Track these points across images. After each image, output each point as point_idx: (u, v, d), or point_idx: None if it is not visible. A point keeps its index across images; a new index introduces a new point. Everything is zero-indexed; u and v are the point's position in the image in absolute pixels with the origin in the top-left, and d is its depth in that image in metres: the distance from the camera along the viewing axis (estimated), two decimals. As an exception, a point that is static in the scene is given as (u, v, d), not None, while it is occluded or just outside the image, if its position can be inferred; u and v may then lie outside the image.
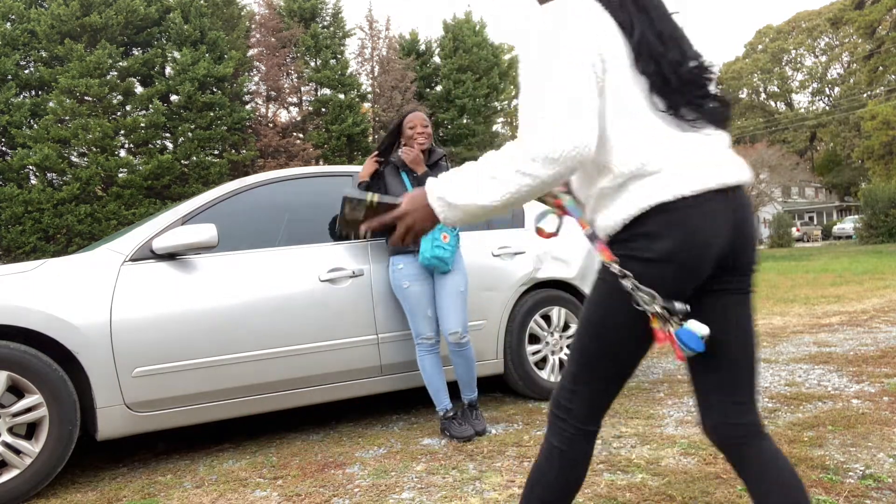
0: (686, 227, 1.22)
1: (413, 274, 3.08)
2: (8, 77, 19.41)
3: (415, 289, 3.08)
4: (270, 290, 3.05)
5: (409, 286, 3.08)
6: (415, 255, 3.09)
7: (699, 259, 1.23)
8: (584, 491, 2.26)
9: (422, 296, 3.08)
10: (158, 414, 2.81)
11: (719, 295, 1.30)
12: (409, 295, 3.08)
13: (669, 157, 1.23)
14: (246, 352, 2.95)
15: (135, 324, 2.76)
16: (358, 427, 3.38)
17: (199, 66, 20.85)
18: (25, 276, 2.67)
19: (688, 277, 1.24)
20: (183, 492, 2.54)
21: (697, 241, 1.22)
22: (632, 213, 1.24)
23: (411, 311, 3.10)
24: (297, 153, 23.69)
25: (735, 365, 1.32)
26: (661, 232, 1.22)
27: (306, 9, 26.27)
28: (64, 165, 19.49)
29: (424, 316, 3.08)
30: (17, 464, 2.50)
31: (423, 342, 3.10)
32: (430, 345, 3.10)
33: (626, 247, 1.26)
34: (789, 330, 5.73)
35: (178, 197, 20.86)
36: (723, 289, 1.30)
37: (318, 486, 2.48)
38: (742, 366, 1.32)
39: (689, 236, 1.22)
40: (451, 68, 29.39)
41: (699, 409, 1.37)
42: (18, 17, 19.86)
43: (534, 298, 3.66)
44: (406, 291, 3.09)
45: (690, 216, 1.22)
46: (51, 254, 18.53)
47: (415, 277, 3.08)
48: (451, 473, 2.54)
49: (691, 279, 1.25)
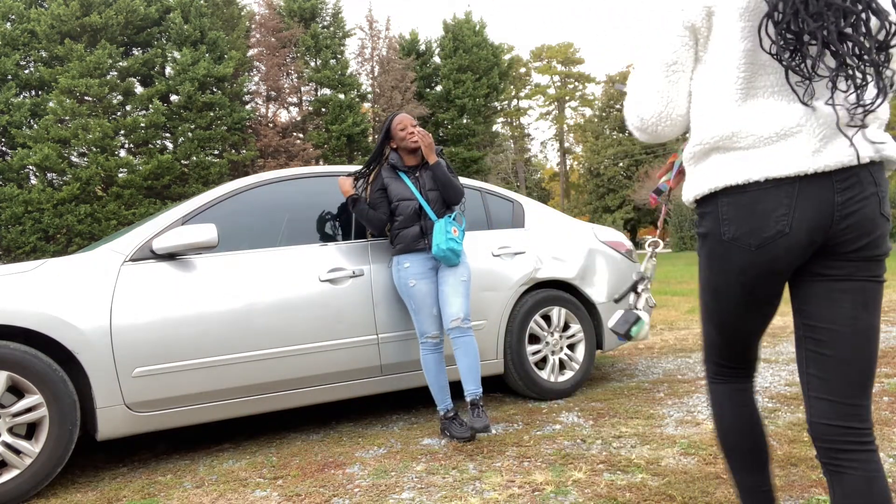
0: (754, 212, 1.23)
1: (419, 272, 3.09)
2: (8, 77, 19.41)
3: (421, 287, 3.08)
4: (270, 290, 3.05)
5: (415, 284, 3.08)
6: (422, 252, 3.09)
7: (769, 247, 1.23)
8: (584, 491, 2.27)
9: (427, 294, 3.08)
10: (158, 414, 2.81)
11: (820, 280, 1.28)
12: (415, 293, 3.08)
13: (755, 132, 1.23)
14: (246, 352, 2.95)
15: (135, 324, 2.76)
16: (358, 427, 3.38)
17: (199, 66, 20.86)
18: (25, 276, 2.67)
19: (758, 263, 1.25)
20: (183, 492, 2.54)
21: (765, 227, 1.23)
22: (702, 191, 1.31)
23: (417, 309, 3.10)
24: (297, 153, 23.69)
25: (843, 363, 1.26)
26: (727, 215, 1.27)
27: (306, 9, 26.27)
28: (64, 165, 19.50)
29: (430, 314, 3.08)
30: (17, 464, 2.50)
31: (428, 341, 3.09)
32: (435, 343, 3.09)
33: (700, 222, 1.33)
34: (789, 330, 5.73)
35: (178, 197, 20.86)
36: (825, 274, 1.27)
37: (318, 486, 2.48)
38: (852, 365, 1.26)
39: (756, 222, 1.23)
40: (451, 68, 29.40)
41: (805, 403, 1.34)
42: (18, 17, 19.85)
43: (534, 298, 3.66)
44: (412, 290, 3.09)
45: (759, 200, 1.23)
46: (51, 254, 18.53)
47: (421, 276, 3.09)
48: (451, 473, 2.54)
49: (763, 265, 1.25)
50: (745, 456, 1.48)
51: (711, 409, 1.54)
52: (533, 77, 56.71)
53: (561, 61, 55.93)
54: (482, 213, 3.81)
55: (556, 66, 56.26)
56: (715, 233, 1.30)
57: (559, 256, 3.82)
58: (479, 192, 3.86)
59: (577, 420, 3.21)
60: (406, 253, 3.12)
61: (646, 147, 46.81)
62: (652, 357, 4.92)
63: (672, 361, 4.67)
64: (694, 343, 5.42)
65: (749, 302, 1.34)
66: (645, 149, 45.94)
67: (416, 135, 3.10)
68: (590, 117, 54.45)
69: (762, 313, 1.37)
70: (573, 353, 3.79)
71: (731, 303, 1.36)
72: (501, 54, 32.00)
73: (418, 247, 3.10)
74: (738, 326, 1.40)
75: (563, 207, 50.70)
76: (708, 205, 1.32)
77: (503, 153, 43.34)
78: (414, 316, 3.13)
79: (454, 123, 28.96)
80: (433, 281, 3.11)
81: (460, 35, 29.90)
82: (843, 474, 1.24)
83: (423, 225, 3.11)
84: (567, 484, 2.34)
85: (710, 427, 2.94)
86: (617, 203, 46.65)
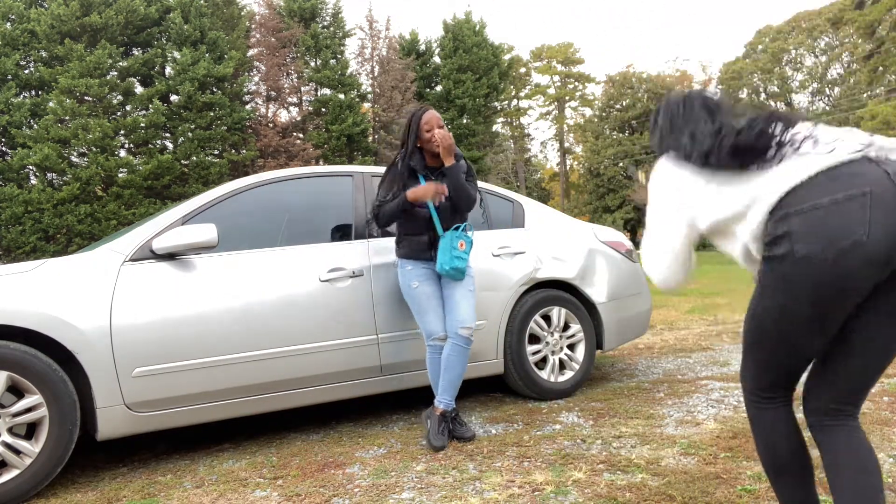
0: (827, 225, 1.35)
1: (422, 274, 3.07)
2: (8, 77, 19.41)
3: (424, 289, 3.05)
4: (270, 290, 3.05)
5: (418, 286, 3.05)
6: (427, 262, 3.06)
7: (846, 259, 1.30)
8: (584, 491, 2.27)
9: (431, 296, 3.05)
10: (158, 414, 2.80)
11: (877, 305, 1.36)
12: (419, 295, 3.05)
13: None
14: (246, 352, 2.95)
15: (135, 324, 2.76)
16: (358, 427, 3.38)
17: (199, 66, 20.85)
18: (25, 277, 2.67)
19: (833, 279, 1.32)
20: (183, 492, 2.54)
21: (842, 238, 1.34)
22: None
23: (421, 310, 3.06)
24: (297, 153, 23.69)
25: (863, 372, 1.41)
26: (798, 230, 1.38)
27: (306, 9, 26.28)
28: (64, 165, 19.50)
29: (437, 315, 3.03)
30: (17, 464, 2.50)
31: (436, 343, 3.04)
32: (443, 345, 3.04)
33: (769, 246, 1.42)
34: (789, 330, 5.73)
35: (178, 197, 20.86)
36: (884, 302, 1.36)
37: (318, 486, 2.48)
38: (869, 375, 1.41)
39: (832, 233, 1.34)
40: (451, 68, 29.40)
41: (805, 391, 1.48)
42: (18, 17, 19.85)
43: (534, 298, 3.66)
44: (415, 292, 3.06)
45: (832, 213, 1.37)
46: (51, 254, 18.54)
47: (424, 277, 3.06)
48: (451, 473, 2.54)
49: (838, 281, 1.32)
50: (796, 475, 1.53)
51: (759, 437, 1.55)
52: (533, 77, 56.70)
53: (561, 61, 55.91)
54: (482, 213, 3.81)
55: (556, 66, 56.25)
56: (788, 253, 1.34)
57: (559, 256, 3.82)
58: (478, 192, 3.86)
59: (577, 420, 3.21)
60: (408, 259, 3.10)
61: (646, 147, 46.79)
62: (652, 357, 4.92)
63: (672, 361, 4.67)
64: (694, 343, 5.42)
65: (820, 322, 1.37)
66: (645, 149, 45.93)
67: (436, 137, 2.97)
68: (590, 117, 54.42)
69: (829, 334, 1.40)
70: (573, 353, 3.79)
71: (801, 325, 1.38)
72: (501, 54, 32.00)
73: (424, 257, 3.07)
74: (802, 349, 1.43)
75: (563, 207, 50.69)
76: (780, 224, 1.36)
77: (503, 153, 43.33)
78: (419, 318, 3.09)
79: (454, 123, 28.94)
80: (436, 283, 3.09)
81: (460, 35, 29.90)
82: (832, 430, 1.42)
83: (430, 236, 3.06)
84: (567, 484, 2.34)
85: (710, 427, 2.94)
86: (617, 203, 46.63)
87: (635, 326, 4.17)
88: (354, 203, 3.47)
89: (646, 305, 4.24)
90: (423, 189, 2.97)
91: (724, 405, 3.33)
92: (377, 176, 3.61)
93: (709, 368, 4.31)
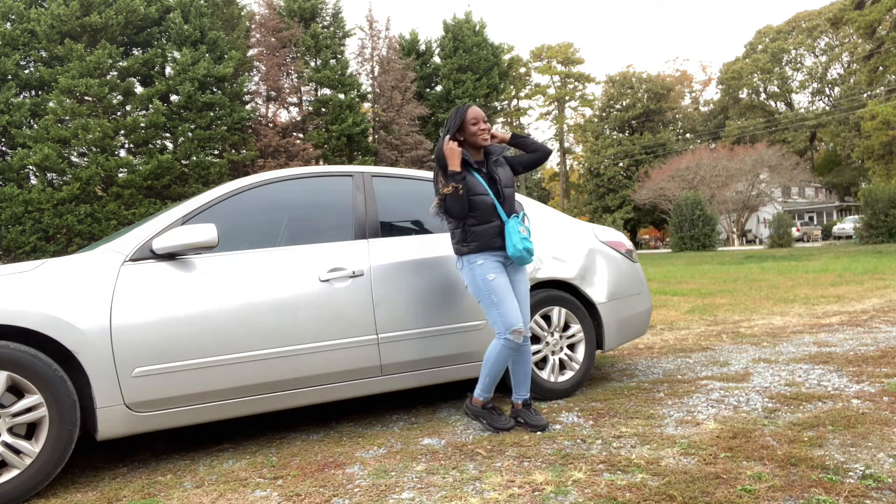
0: None
1: (495, 266, 3.08)
2: (8, 77, 19.40)
3: (501, 280, 3.06)
4: (270, 290, 3.05)
5: (494, 278, 3.05)
6: (497, 251, 3.10)
7: None
8: (584, 491, 2.27)
9: (508, 287, 3.07)
10: (158, 414, 2.80)
11: None
12: (496, 286, 3.04)
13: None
14: (246, 352, 2.95)
15: (135, 324, 2.76)
16: (358, 427, 3.38)
17: (199, 66, 20.85)
18: (25, 276, 2.67)
19: None
20: (183, 492, 2.54)
21: None
22: None
23: (500, 301, 3.02)
24: (297, 153, 23.67)
25: None
26: None
27: (306, 9, 26.26)
28: (64, 165, 19.50)
29: (514, 305, 3.03)
30: (17, 464, 2.50)
31: (511, 337, 3.00)
32: (520, 341, 3.03)
33: None
34: (789, 330, 5.73)
35: (178, 197, 20.85)
36: None
37: (318, 486, 2.48)
38: None
39: None
40: (451, 68, 29.39)
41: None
42: (18, 17, 19.84)
43: (534, 298, 3.66)
44: (493, 283, 3.05)
45: None
46: (51, 254, 18.53)
47: (498, 269, 3.08)
48: (451, 473, 2.54)
49: None
50: None
51: None
52: (533, 77, 56.70)
53: (561, 61, 55.92)
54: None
55: (556, 66, 56.26)
56: None
57: (559, 256, 3.82)
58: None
59: (577, 420, 3.21)
60: (475, 252, 3.09)
61: (646, 147, 46.78)
62: (652, 357, 4.92)
63: (672, 361, 4.67)
64: (694, 343, 5.42)
65: None
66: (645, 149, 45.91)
67: (483, 134, 3.12)
68: (590, 117, 54.43)
69: None
70: (573, 353, 3.79)
71: None
72: (501, 54, 31.99)
73: (495, 245, 3.09)
74: None
75: (563, 207, 50.66)
76: None
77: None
78: (495, 310, 3.03)
79: (454, 123, 28.91)
80: (506, 275, 3.13)
81: (460, 35, 29.89)
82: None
83: (498, 222, 3.12)
84: (567, 484, 2.34)
85: (710, 427, 2.94)
86: (617, 203, 46.65)
87: (635, 326, 4.17)
88: (354, 203, 3.47)
89: (646, 305, 4.24)
90: (451, 152, 3.08)
91: (723, 405, 3.33)
92: (377, 176, 3.62)
93: (709, 368, 4.32)
